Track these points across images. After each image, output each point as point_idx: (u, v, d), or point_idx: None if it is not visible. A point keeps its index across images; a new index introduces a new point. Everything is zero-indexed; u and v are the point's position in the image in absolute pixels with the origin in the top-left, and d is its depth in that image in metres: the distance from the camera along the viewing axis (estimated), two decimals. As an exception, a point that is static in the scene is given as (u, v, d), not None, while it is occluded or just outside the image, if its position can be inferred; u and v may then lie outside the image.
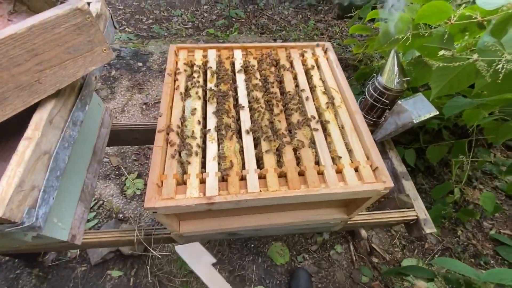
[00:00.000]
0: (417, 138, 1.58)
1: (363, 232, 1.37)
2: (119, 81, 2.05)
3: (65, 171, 0.82)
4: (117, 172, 1.64)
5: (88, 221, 1.49)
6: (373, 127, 1.22)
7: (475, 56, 0.83)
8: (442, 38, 0.89)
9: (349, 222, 0.96)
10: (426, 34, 0.93)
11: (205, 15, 3.13)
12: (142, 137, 1.22)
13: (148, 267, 1.31)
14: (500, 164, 1.75)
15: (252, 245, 1.44)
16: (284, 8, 3.33)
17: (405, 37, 0.94)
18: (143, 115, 1.87)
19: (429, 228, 0.98)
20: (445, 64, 0.89)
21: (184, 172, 0.63)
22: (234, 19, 3.03)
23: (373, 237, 1.52)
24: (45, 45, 0.45)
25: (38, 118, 0.50)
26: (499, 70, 0.78)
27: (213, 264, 1.40)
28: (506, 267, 1.41)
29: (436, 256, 1.46)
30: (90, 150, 1.00)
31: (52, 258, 1.35)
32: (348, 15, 1.66)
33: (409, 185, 1.08)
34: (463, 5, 0.90)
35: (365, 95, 1.18)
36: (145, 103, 1.93)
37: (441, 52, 0.86)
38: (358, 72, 1.78)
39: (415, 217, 1.00)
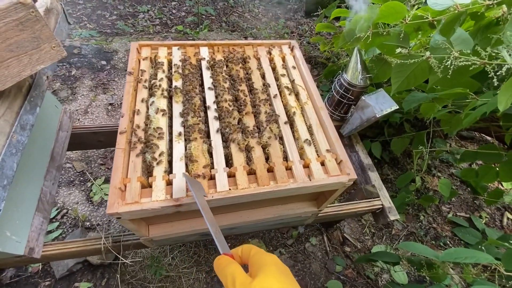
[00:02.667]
0: (383, 132, 1.67)
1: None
2: (80, 80, 1.92)
3: (18, 180, 0.76)
4: (81, 178, 1.54)
5: (51, 232, 1.39)
6: (341, 122, 1.27)
7: (428, 53, 0.89)
8: (398, 37, 0.95)
9: (320, 215, 0.99)
10: (384, 33, 0.98)
11: (174, 11, 3.04)
12: (107, 139, 1.16)
13: (119, 276, 1.25)
14: (455, 152, 1.91)
15: (229, 244, 1.44)
16: (254, 6, 3.33)
17: (366, 36, 0.98)
18: (108, 117, 1.77)
19: (393, 216, 1.05)
20: (402, 61, 0.95)
21: (150, 174, 0.61)
22: (204, 16, 2.98)
23: (345, 227, 1.59)
24: (-19, 41, 0.41)
25: (-22, 123, 0.45)
26: (448, 66, 0.85)
27: (189, 267, 1.37)
28: (462, 246, 1.55)
29: (402, 240, 1.56)
30: (47, 155, 0.93)
31: (11, 275, 1.24)
32: (315, 13, 1.70)
33: (374, 176, 1.14)
34: (416, 6, 0.96)
35: (332, 91, 1.23)
36: (111, 104, 1.83)
37: (398, 50, 0.92)
38: (326, 69, 1.83)
39: (381, 206, 1.06)
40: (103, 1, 2.98)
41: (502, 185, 1.80)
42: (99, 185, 1.51)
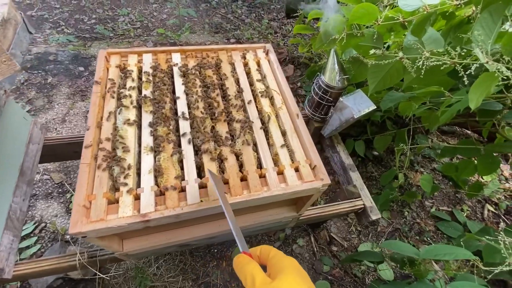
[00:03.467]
0: (366, 130, 1.69)
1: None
2: (57, 88, 1.86)
3: (-19, 199, 0.72)
4: (60, 190, 1.49)
5: (29, 247, 1.34)
6: (322, 123, 1.28)
7: (401, 54, 0.90)
8: (372, 38, 0.95)
9: (302, 218, 0.99)
10: (359, 34, 0.98)
11: (155, 14, 2.99)
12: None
13: (100, 290, 1.21)
14: (437, 148, 1.95)
15: (216, 250, 1.42)
16: (237, 6, 3.31)
17: (341, 37, 0.98)
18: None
19: (375, 215, 1.05)
20: (377, 62, 0.96)
21: (117, 189, 0.59)
22: (186, 18, 2.94)
23: (331, 226, 1.60)
24: None
25: None
26: (420, 66, 0.85)
27: (175, 276, 1.34)
28: (445, 240, 1.58)
29: (388, 237, 1.58)
30: (16, 170, 0.89)
31: (-14, 294, 1.19)
32: (295, 14, 1.70)
33: (355, 176, 1.15)
34: (388, 7, 0.97)
35: (311, 93, 1.23)
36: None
37: (372, 51, 0.92)
38: (308, 69, 1.84)
39: (362, 206, 1.07)
40: (81, 5, 2.90)
41: (482, 178, 1.84)
42: (79, 196, 1.46)
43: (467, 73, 0.78)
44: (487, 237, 0.94)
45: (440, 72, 0.93)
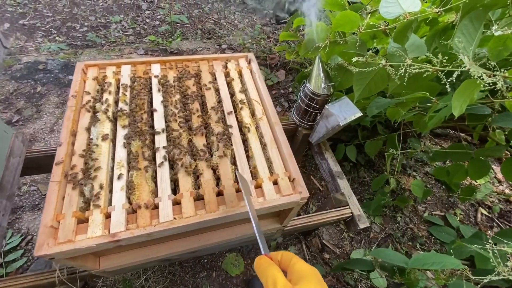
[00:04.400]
0: (357, 135, 1.68)
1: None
2: (46, 97, 1.85)
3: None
4: (48, 201, 1.47)
5: (15, 261, 1.31)
6: (310, 130, 1.26)
7: (383, 61, 0.89)
8: (355, 45, 0.94)
9: (289, 228, 0.97)
10: (342, 42, 0.98)
11: (147, 20, 2.98)
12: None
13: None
14: (429, 151, 1.94)
15: (205, 260, 1.40)
16: (230, 12, 3.31)
17: (324, 45, 0.97)
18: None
19: (363, 223, 1.04)
20: (361, 69, 0.95)
21: (87, 208, 0.57)
22: (178, 24, 2.94)
23: (323, 233, 1.58)
24: None
25: None
26: (403, 74, 0.85)
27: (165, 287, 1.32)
28: (438, 245, 1.56)
29: (381, 243, 1.56)
30: (-6, 185, 0.87)
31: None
32: (283, 20, 1.70)
33: (343, 184, 1.14)
34: (369, 14, 0.96)
35: (298, 100, 1.22)
36: (79, 120, 1.76)
37: (355, 59, 0.91)
38: (299, 75, 1.83)
39: (350, 214, 1.05)
40: (73, 13, 2.90)
41: (475, 181, 1.83)
42: (67, 207, 1.44)
43: (449, 80, 0.77)
44: (477, 245, 0.92)
45: (424, 79, 0.92)
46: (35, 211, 1.43)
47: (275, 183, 0.66)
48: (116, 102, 0.75)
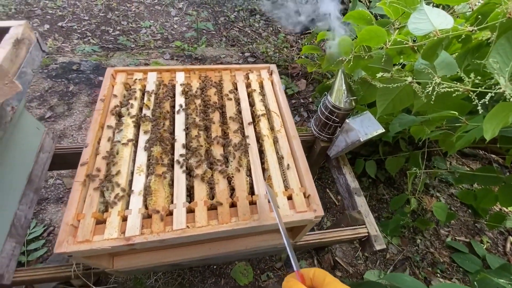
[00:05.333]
0: (377, 150, 1.62)
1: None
2: (77, 96, 1.96)
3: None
4: (71, 195, 1.54)
5: (37, 250, 1.38)
6: (328, 143, 1.24)
7: (409, 78, 0.86)
8: (381, 60, 0.92)
9: (301, 243, 0.95)
10: (366, 57, 0.96)
11: (175, 26, 3.10)
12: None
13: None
14: (455, 172, 1.83)
15: (215, 267, 1.40)
16: (255, 20, 3.37)
17: (348, 59, 0.96)
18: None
19: (379, 245, 0.99)
20: (386, 85, 0.92)
21: (106, 209, 0.60)
22: (204, 31, 3.02)
23: (336, 250, 1.53)
24: None
25: None
26: (430, 92, 0.81)
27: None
28: (461, 274, 1.46)
29: (397, 266, 1.48)
30: (24, 179, 0.93)
31: (-8, 294, 1.23)
32: (307, 31, 1.70)
33: (361, 201, 1.10)
34: (397, 30, 0.93)
35: (318, 112, 1.20)
36: (105, 120, 1.85)
37: (379, 74, 0.89)
38: (320, 86, 1.81)
39: (366, 234, 1.01)
40: (108, 17, 3.07)
41: (505, 208, 1.71)
42: (88, 202, 1.50)
43: (481, 102, 0.73)
44: (504, 279, 0.85)
45: (453, 98, 0.88)
46: (59, 203, 1.50)
47: (289, 198, 0.65)
48: (141, 108, 0.78)
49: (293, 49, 2.92)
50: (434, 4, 0.99)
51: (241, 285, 1.37)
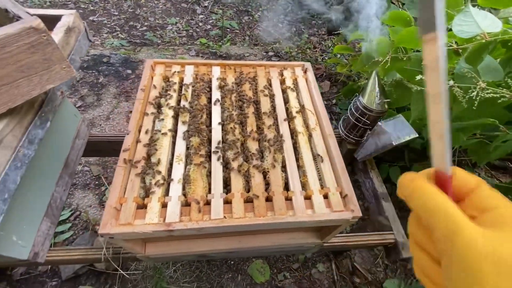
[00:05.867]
0: (402, 156, 1.58)
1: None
2: (106, 88, 2.02)
3: (30, 185, 0.79)
4: (97, 182, 1.59)
5: (63, 232, 1.44)
6: (356, 145, 1.22)
7: (451, 82, 0.83)
8: (420, 63, 0.90)
9: (326, 245, 0.94)
10: (405, 58, 0.93)
11: (200, 24, 3.15)
12: (121, 148, 1.19)
13: (119, 286, 1.26)
14: (484, 184, 1.75)
15: (232, 262, 1.41)
16: (279, 20, 3.36)
17: (385, 60, 0.94)
18: (128, 124, 1.84)
19: (407, 253, 0.97)
20: (423, 88, 0.89)
21: (147, 194, 0.61)
22: (228, 29, 3.05)
23: (356, 255, 1.50)
24: (-6, 64, 0.43)
25: (-14, 138, 0.47)
26: (474, 97, 0.78)
27: (190, 282, 1.35)
28: (487, 290, 1.39)
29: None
30: (62, 162, 0.97)
31: (22, 272, 1.29)
32: (336, 32, 1.68)
33: (388, 207, 1.07)
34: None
35: (347, 113, 1.18)
36: (131, 112, 1.90)
37: (419, 77, 0.87)
38: (346, 88, 1.79)
39: (393, 241, 0.99)
40: (136, 13, 3.16)
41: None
42: (112, 190, 1.55)
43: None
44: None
45: (497, 105, 0.84)
46: (86, 190, 1.56)
47: (325, 197, 0.64)
48: (179, 99, 0.79)
49: (316, 50, 2.90)
50: (479, 7, 0.95)
51: (257, 283, 1.37)
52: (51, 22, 0.71)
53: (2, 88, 0.46)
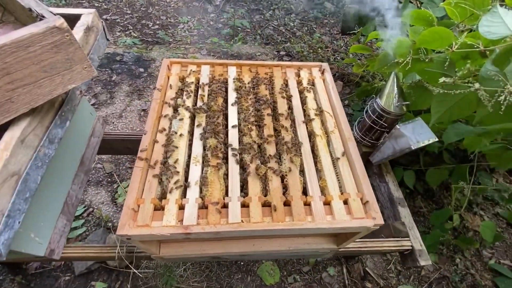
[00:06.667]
0: (417, 159, 1.54)
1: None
2: (119, 86, 2.04)
3: (47, 183, 0.80)
4: (109, 179, 1.61)
5: (76, 228, 1.46)
6: (371, 149, 1.19)
7: (477, 85, 0.80)
8: (443, 64, 0.86)
9: (342, 249, 0.92)
10: (426, 60, 0.90)
11: (211, 23, 3.14)
12: (135, 147, 1.20)
13: (130, 283, 1.27)
14: (502, 190, 1.69)
15: (242, 263, 1.40)
16: (290, 19, 3.33)
17: (405, 61, 0.91)
18: (140, 122, 1.85)
19: (424, 260, 0.94)
20: (446, 91, 0.86)
21: (164, 196, 0.60)
22: (239, 28, 3.04)
23: (367, 260, 1.47)
24: (18, 63, 0.43)
25: (9, 137, 0.47)
26: (501, 101, 0.75)
27: (200, 281, 1.35)
28: (505, 301, 1.34)
29: (433, 285, 1.40)
30: (78, 160, 0.98)
31: (36, 266, 1.32)
32: (351, 31, 1.64)
33: (405, 212, 1.04)
34: (465, 32, 0.87)
35: (363, 115, 1.15)
36: (144, 110, 1.91)
37: (442, 79, 0.83)
38: (359, 89, 1.75)
39: (410, 247, 0.96)
40: (148, 12, 3.18)
41: (560, 234, 1.55)
42: (124, 188, 1.56)
43: None
44: None
45: (524, 110, 0.81)
46: (98, 187, 1.58)
47: (345, 203, 0.63)
48: (195, 100, 0.79)
49: (328, 50, 2.86)
50: (508, 7, 0.91)
51: (267, 285, 1.36)
52: (70, 21, 0.71)
53: (25, 88, 0.46)
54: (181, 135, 0.69)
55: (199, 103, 0.77)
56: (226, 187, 0.63)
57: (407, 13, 0.99)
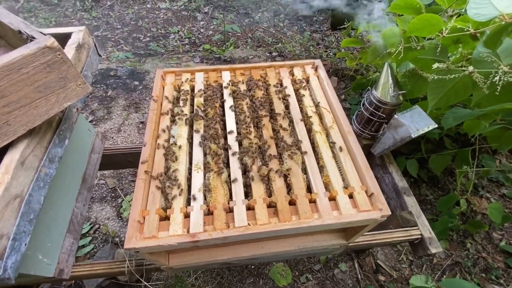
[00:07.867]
0: (419, 148, 1.54)
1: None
2: (115, 100, 2.05)
3: (51, 203, 0.80)
4: (113, 194, 1.61)
5: (84, 246, 1.45)
6: (372, 141, 1.19)
7: (471, 68, 0.80)
8: (435, 51, 0.86)
9: (351, 244, 0.91)
10: (418, 47, 0.90)
11: (202, 30, 3.16)
12: (136, 160, 1.19)
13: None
14: (506, 171, 1.69)
15: (253, 267, 1.39)
16: (279, 20, 3.35)
17: (397, 51, 0.91)
18: (139, 134, 1.85)
19: (435, 248, 0.93)
20: (440, 76, 0.86)
21: (168, 205, 0.60)
22: (230, 33, 3.05)
23: (378, 253, 1.46)
24: (12, 86, 0.43)
25: (9, 160, 0.47)
26: (497, 82, 0.75)
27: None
28: (520, 281, 1.33)
29: (446, 272, 1.39)
30: (79, 178, 0.97)
31: (47, 287, 1.31)
32: (342, 26, 1.65)
33: (411, 201, 1.04)
34: (454, 17, 0.87)
35: (361, 108, 1.15)
36: (142, 122, 1.92)
37: (435, 65, 0.84)
38: (354, 82, 1.75)
39: (420, 236, 0.95)
40: (138, 25, 3.19)
41: None
42: (129, 202, 1.56)
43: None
44: None
45: (520, 89, 0.81)
46: (103, 202, 1.57)
47: (351, 196, 0.62)
48: (192, 107, 0.79)
49: (319, 47, 2.87)
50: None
51: (280, 286, 1.35)
52: (61, 40, 0.71)
53: (21, 110, 0.46)
54: (180, 144, 0.69)
55: (196, 110, 0.77)
56: (230, 191, 0.63)
57: (394, 2, 0.99)
